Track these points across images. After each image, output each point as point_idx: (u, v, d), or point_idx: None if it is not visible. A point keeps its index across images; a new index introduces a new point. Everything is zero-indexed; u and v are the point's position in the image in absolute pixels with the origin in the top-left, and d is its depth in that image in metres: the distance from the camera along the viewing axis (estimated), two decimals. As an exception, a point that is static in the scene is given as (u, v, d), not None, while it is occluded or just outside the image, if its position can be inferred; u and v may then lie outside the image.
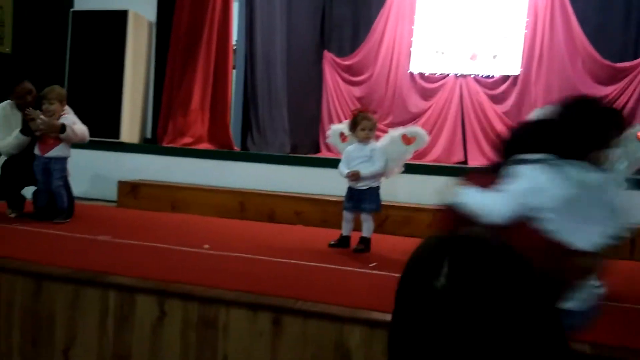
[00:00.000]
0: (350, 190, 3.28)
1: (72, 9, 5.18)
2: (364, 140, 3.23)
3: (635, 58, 6.28)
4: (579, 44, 6.44)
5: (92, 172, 5.00)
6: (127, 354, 2.27)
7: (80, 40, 5.09)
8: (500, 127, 6.70)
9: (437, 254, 0.64)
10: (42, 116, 3.51)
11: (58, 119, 3.59)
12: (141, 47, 5.21)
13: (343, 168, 3.27)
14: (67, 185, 3.74)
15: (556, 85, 6.39)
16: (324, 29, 7.35)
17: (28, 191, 3.89)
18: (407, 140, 3.25)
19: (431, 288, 0.61)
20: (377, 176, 3.24)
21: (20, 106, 3.65)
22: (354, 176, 3.17)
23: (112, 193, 4.76)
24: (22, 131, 3.61)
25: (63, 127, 3.56)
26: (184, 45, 5.12)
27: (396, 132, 3.30)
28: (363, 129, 3.20)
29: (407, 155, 3.33)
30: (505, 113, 6.76)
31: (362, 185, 3.22)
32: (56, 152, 3.62)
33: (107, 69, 4.99)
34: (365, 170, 3.18)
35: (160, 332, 2.27)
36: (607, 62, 6.30)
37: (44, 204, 3.65)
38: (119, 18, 4.96)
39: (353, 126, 3.24)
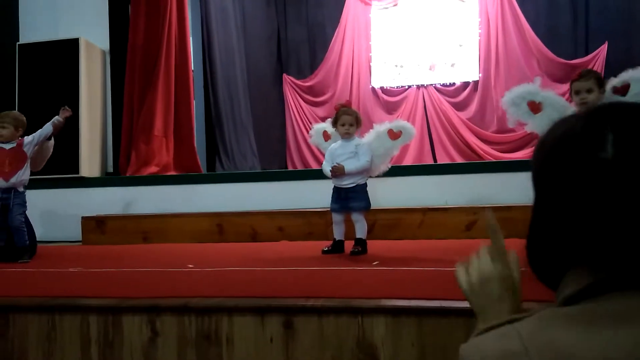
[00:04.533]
0: (337, 190, 3.08)
1: (18, 43, 4.88)
2: (345, 136, 3.07)
3: (588, 54, 6.46)
4: (533, 45, 6.60)
5: (52, 212, 4.62)
6: (117, 384, 1.97)
7: (30, 74, 4.79)
8: (465, 133, 6.73)
9: (593, 124, 0.62)
10: None
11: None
12: (95, 76, 4.94)
13: (327, 167, 3.08)
14: (27, 221, 3.42)
15: (516, 87, 6.51)
16: (281, 53, 7.37)
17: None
18: (393, 135, 3.10)
19: (596, 159, 0.59)
20: (363, 172, 3.06)
21: None
22: (338, 171, 2.98)
23: (76, 233, 4.40)
24: None
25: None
26: (141, 72, 4.89)
27: (382, 127, 3.15)
28: (343, 124, 3.04)
29: (394, 150, 3.18)
30: (469, 119, 6.82)
31: (348, 182, 3.02)
32: (19, 177, 3.32)
33: (61, 101, 4.67)
34: (350, 165, 3.00)
35: (153, 355, 1.98)
36: (562, 60, 6.46)
37: (2, 244, 3.30)
38: (70, 47, 4.69)
39: (335, 122, 3.09)
